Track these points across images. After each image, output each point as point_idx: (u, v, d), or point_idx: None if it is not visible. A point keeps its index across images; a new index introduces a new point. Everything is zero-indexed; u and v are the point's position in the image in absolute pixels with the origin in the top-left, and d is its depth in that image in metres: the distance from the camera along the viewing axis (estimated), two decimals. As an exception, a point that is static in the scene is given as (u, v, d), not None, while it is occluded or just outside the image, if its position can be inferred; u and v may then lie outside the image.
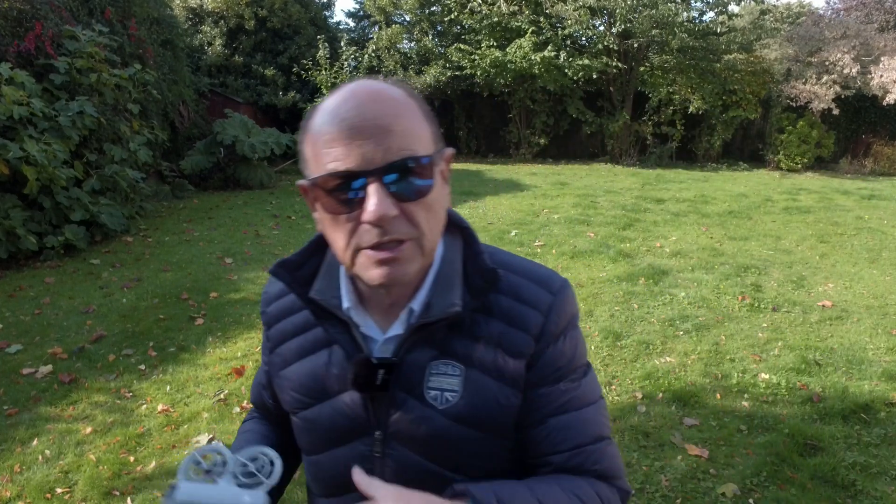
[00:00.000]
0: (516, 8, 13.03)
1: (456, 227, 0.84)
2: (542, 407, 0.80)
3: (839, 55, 11.96)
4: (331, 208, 0.70)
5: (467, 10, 13.49)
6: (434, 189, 0.71)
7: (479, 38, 13.47)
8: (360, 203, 0.68)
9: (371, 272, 0.70)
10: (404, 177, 0.68)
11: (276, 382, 0.90)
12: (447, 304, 0.77)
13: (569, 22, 12.51)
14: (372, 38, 14.15)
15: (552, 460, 0.80)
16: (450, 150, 0.77)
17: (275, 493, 0.76)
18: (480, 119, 15.24)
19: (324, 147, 0.68)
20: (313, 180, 0.70)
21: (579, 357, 0.84)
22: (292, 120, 13.77)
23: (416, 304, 0.78)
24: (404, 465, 0.80)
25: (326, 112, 0.69)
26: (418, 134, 0.70)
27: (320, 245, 0.86)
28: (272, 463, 0.72)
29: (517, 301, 0.81)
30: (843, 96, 12.14)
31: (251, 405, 1.09)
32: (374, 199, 0.66)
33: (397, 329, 0.79)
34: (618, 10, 11.78)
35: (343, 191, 0.68)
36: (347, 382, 0.80)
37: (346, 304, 0.80)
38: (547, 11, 12.90)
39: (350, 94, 0.69)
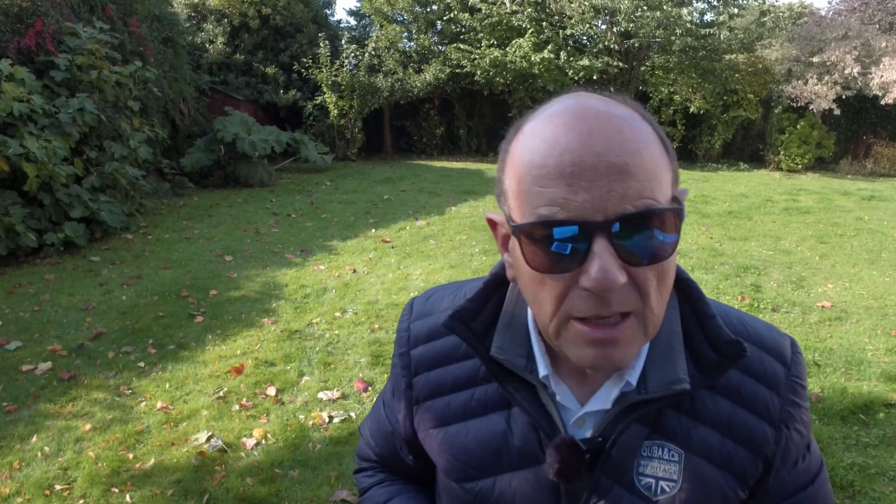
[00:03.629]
0: (518, 7, 13.01)
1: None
2: (778, 494, 0.70)
3: (840, 56, 11.95)
4: (536, 262, 0.55)
5: (468, 8, 13.47)
6: (675, 247, 0.55)
7: (480, 37, 13.46)
8: (577, 259, 0.53)
9: (581, 351, 0.57)
10: (640, 232, 0.53)
11: (424, 441, 0.76)
12: (670, 380, 0.63)
13: (572, 21, 12.48)
14: (372, 35, 14.13)
15: None
16: (685, 192, 0.60)
17: None
18: (481, 118, 15.24)
19: (535, 184, 0.53)
20: (519, 227, 0.55)
21: (810, 429, 0.72)
22: (293, 118, 13.78)
23: (633, 376, 0.64)
24: None
25: (542, 138, 0.54)
26: (660, 175, 0.54)
27: (497, 288, 0.72)
28: None
29: (746, 374, 0.67)
30: (843, 97, 12.13)
31: (366, 458, 0.92)
32: (599, 262, 0.51)
33: (601, 402, 0.65)
34: (622, 7, 11.74)
35: (555, 242, 0.53)
36: (531, 458, 0.68)
37: (543, 370, 0.65)
38: (550, 8, 12.86)
39: (572, 118, 0.54)
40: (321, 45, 12.56)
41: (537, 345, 0.67)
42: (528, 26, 12.76)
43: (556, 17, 12.98)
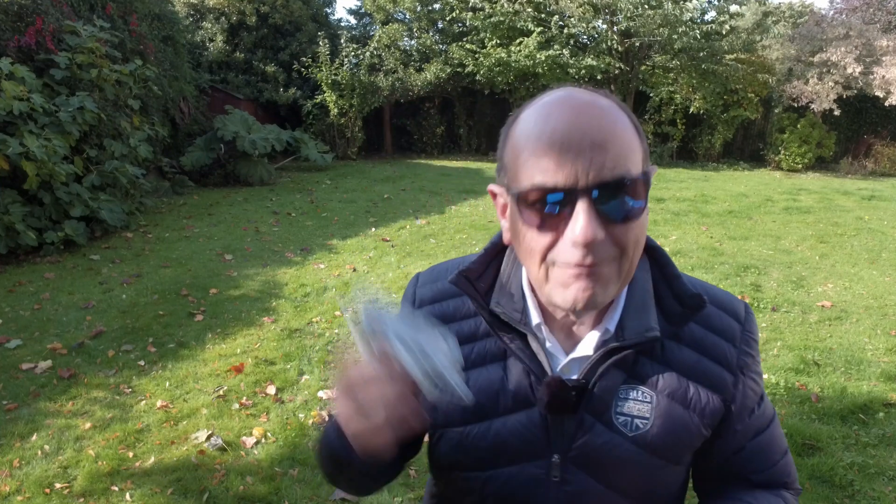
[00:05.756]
0: (520, 7, 12.97)
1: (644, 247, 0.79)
2: (742, 437, 0.81)
3: (841, 55, 11.94)
4: (532, 221, 0.65)
5: (469, 6, 13.44)
6: (644, 211, 0.67)
7: (483, 37, 13.44)
8: (563, 218, 0.64)
9: (566, 291, 0.66)
10: (616, 197, 0.63)
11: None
12: (643, 328, 0.73)
13: (573, 20, 12.44)
14: (373, 34, 14.11)
15: (750, 479, 0.83)
16: (655, 169, 0.72)
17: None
18: (481, 117, 15.23)
19: (531, 157, 0.64)
20: (517, 193, 0.66)
21: (762, 380, 0.84)
22: (293, 116, 13.76)
23: (611, 324, 0.75)
24: (582, 491, 0.77)
25: (535, 121, 0.66)
26: (632, 151, 0.66)
27: (497, 253, 0.83)
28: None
29: (708, 329, 0.78)
30: (844, 97, 12.12)
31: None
32: (582, 220, 0.62)
33: (585, 349, 0.75)
34: (622, 5, 11.69)
35: (546, 204, 0.64)
36: (524, 400, 0.77)
37: (535, 319, 0.76)
38: (550, 8, 12.82)
39: (562, 105, 0.65)
40: (321, 43, 12.54)
41: (531, 300, 0.77)
42: (533, 26, 12.73)
43: (557, 17, 12.96)
